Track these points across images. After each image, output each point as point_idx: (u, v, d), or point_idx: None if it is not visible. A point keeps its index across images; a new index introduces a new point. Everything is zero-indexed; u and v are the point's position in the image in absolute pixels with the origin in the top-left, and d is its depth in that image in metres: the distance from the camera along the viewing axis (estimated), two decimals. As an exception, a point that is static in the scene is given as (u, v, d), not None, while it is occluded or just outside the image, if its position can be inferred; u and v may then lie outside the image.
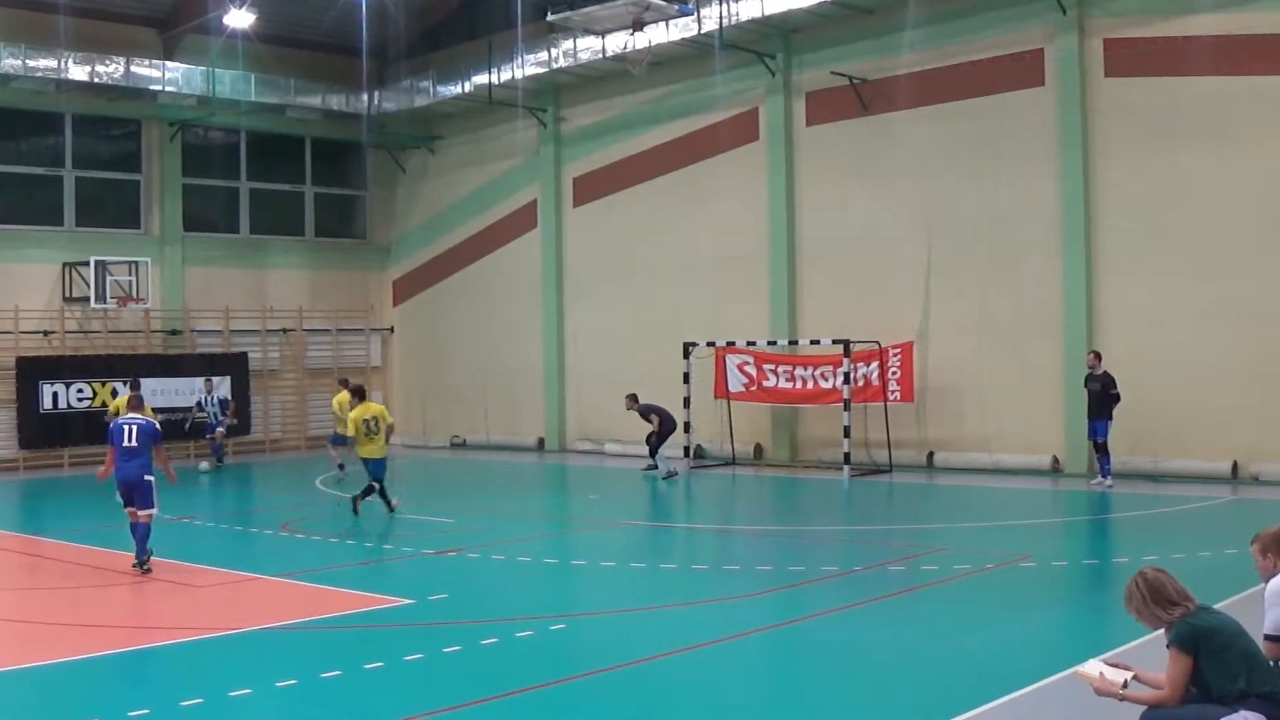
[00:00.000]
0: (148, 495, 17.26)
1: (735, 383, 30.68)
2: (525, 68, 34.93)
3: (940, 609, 14.22)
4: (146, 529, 17.23)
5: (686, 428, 29.98)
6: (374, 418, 22.58)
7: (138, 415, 17.82)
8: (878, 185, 29.77)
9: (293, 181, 39.99)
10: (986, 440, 28.04)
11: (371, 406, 23.10)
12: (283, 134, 39.12)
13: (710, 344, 30.58)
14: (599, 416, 35.22)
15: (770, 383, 30.17)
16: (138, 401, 18.81)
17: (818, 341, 28.92)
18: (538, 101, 36.49)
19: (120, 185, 36.39)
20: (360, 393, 23.60)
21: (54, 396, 33.21)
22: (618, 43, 31.70)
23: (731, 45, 30.87)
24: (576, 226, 36.32)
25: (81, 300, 33.95)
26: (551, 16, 29.08)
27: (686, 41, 31.31)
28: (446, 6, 39.62)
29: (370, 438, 22.46)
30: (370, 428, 22.46)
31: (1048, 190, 27.10)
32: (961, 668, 11.57)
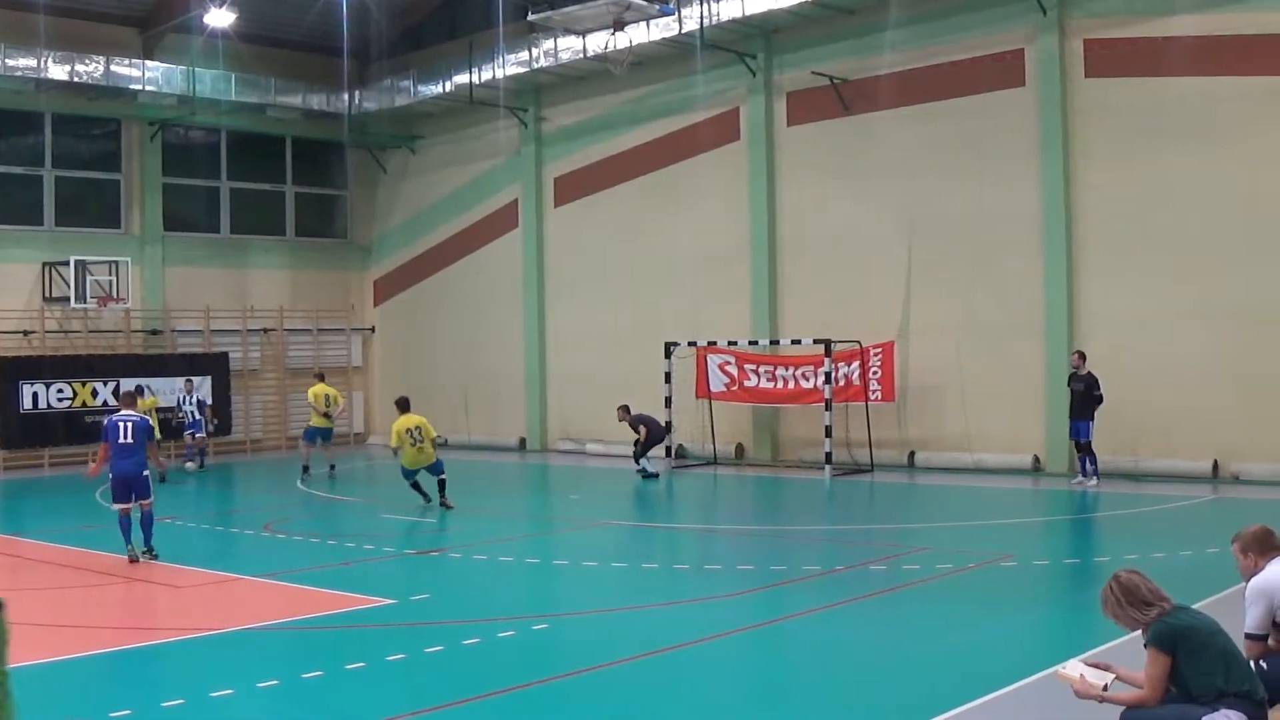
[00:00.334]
0: (146, 487, 18.07)
1: (716, 382, 30.69)
2: (506, 67, 34.92)
3: (922, 608, 14.24)
4: (150, 516, 18.11)
5: (668, 427, 29.96)
6: (418, 427, 23.51)
7: (131, 412, 18.43)
8: (859, 185, 29.81)
9: (273, 181, 39.92)
10: (968, 440, 28.09)
11: (414, 417, 23.83)
12: (263, 133, 39.03)
13: (691, 344, 30.59)
14: (581, 416, 35.23)
15: (751, 382, 30.19)
16: (130, 399, 19.36)
17: (799, 341, 28.93)
18: (519, 101, 36.48)
19: (100, 185, 36.30)
20: (405, 405, 24.41)
21: (34, 397, 33.08)
22: (599, 42, 31.69)
23: (712, 45, 30.89)
24: (558, 226, 36.31)
25: (61, 300, 33.83)
26: (532, 16, 29.08)
27: (667, 41, 31.32)
28: (427, 6, 39.58)
29: (416, 447, 23.37)
30: (415, 437, 23.35)
31: (1029, 190, 27.16)
32: (943, 667, 11.59)
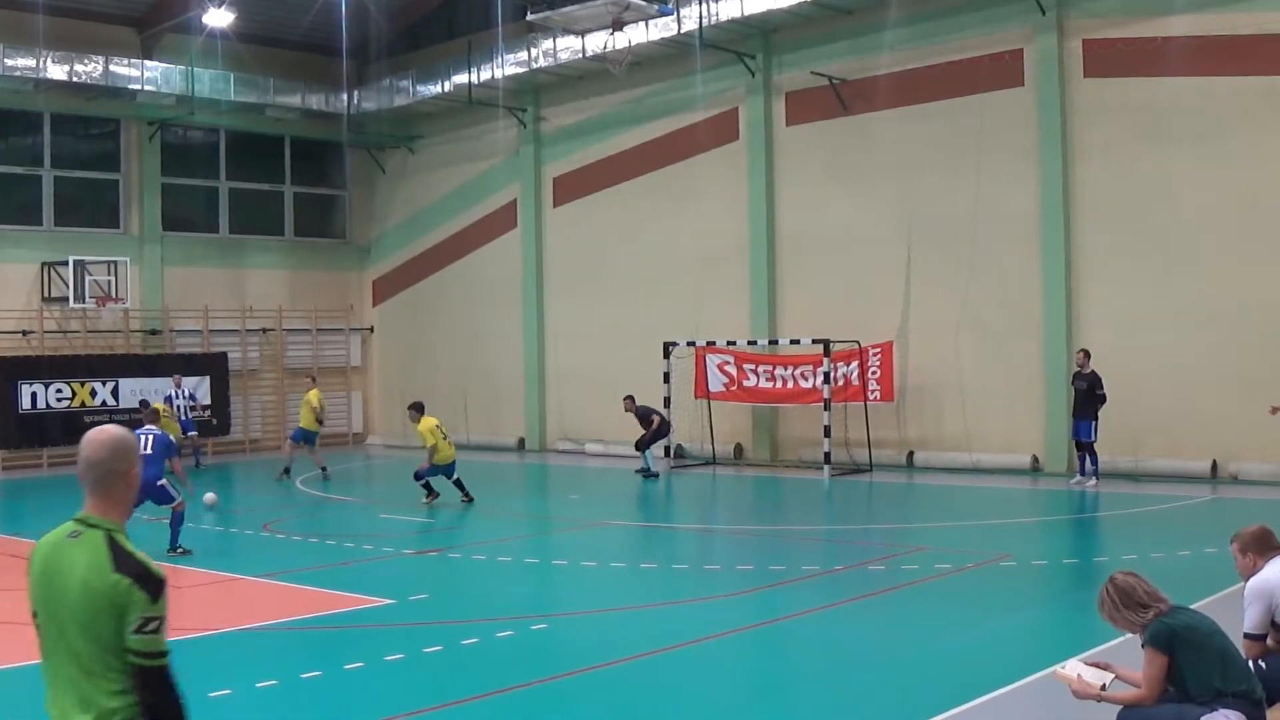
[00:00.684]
0: (165, 494, 18.66)
1: (715, 382, 30.69)
2: (505, 67, 34.91)
3: (920, 608, 14.26)
4: (179, 517, 18.88)
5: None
6: (439, 425, 24.32)
7: (153, 427, 19.23)
8: (857, 185, 29.82)
9: (272, 181, 39.92)
10: (966, 440, 28.10)
11: (433, 418, 24.56)
12: (262, 133, 39.02)
13: (690, 344, 30.59)
14: (579, 416, 35.24)
15: (750, 382, 30.19)
16: (153, 415, 20.19)
17: (798, 341, 28.93)
18: (518, 101, 36.48)
19: (99, 185, 36.29)
20: (422, 407, 24.91)
21: (33, 397, 33.07)
22: (597, 43, 31.64)
23: (711, 45, 30.89)
24: (557, 226, 36.32)
25: (60, 300, 33.82)
26: (531, 16, 29.05)
27: (666, 41, 31.33)
28: (426, 6, 39.57)
29: (448, 441, 24.26)
30: (444, 432, 24.20)
31: (1027, 190, 27.17)
32: (942, 667, 11.60)
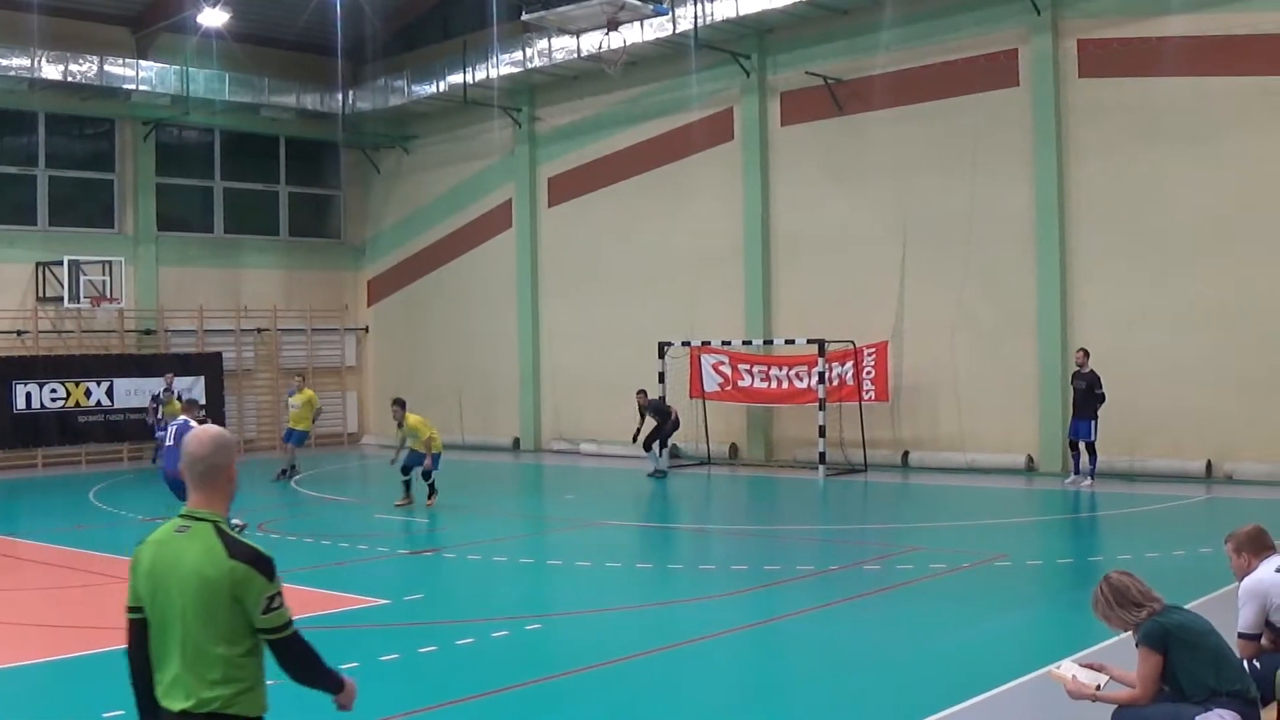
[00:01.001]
0: (181, 492, 18.18)
1: (710, 382, 30.69)
2: (500, 67, 34.90)
3: (915, 608, 14.27)
4: None
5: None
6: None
7: (187, 418, 19.92)
8: (852, 185, 29.83)
9: (267, 181, 39.89)
10: (961, 439, 28.12)
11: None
12: (257, 133, 39.01)
13: (685, 344, 30.60)
14: (575, 416, 35.25)
15: (745, 382, 30.18)
16: (189, 405, 21.08)
17: (793, 341, 28.95)
18: (513, 101, 36.48)
19: (94, 184, 36.26)
20: (404, 404, 25.11)
21: (27, 397, 33.05)
22: (593, 42, 31.65)
23: (706, 45, 30.90)
24: (552, 226, 36.32)
25: (55, 300, 33.80)
26: (526, 16, 29.10)
27: (661, 41, 31.34)
28: (421, 6, 39.55)
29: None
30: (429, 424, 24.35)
31: (1022, 190, 27.19)
32: (937, 667, 11.61)
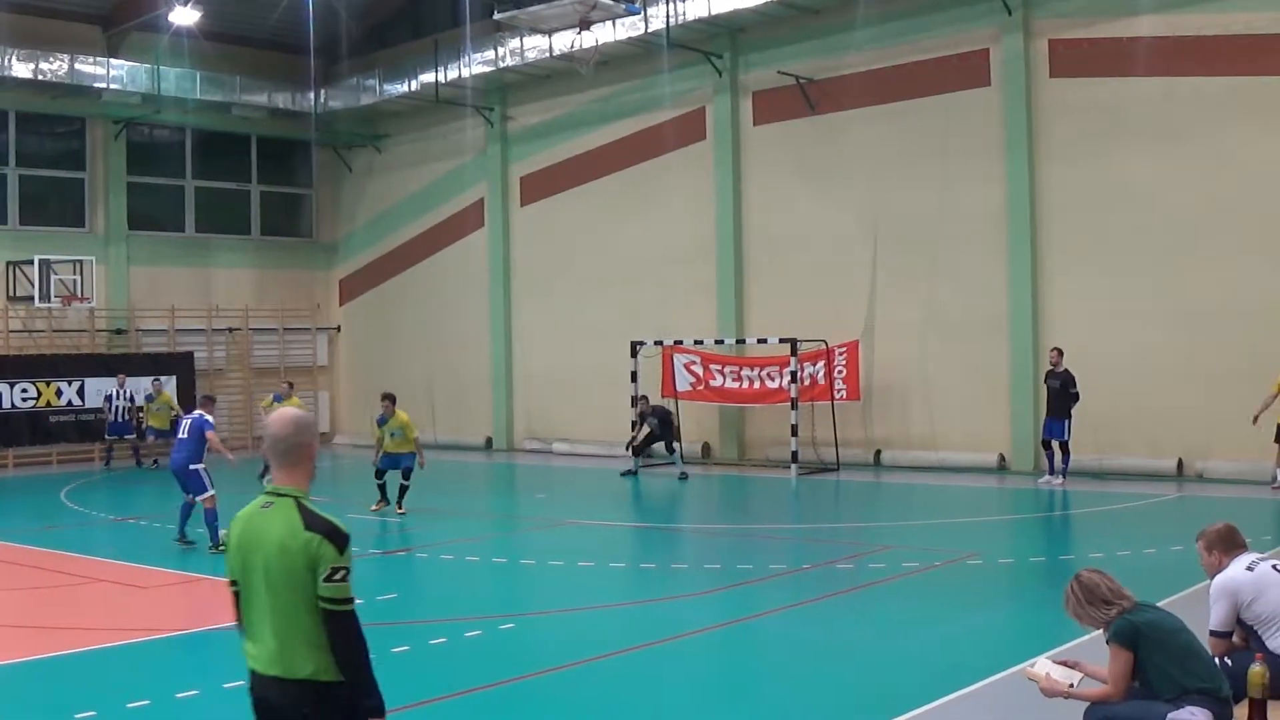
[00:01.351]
0: (197, 482, 18.85)
1: (683, 382, 30.69)
2: (472, 66, 34.88)
3: (888, 606, 14.30)
4: (208, 514, 18.84)
5: (633, 426, 30.01)
6: None
7: (201, 412, 19.64)
8: (825, 184, 29.87)
9: (239, 180, 39.78)
10: (933, 438, 28.19)
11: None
12: (228, 132, 38.88)
13: (658, 343, 30.59)
14: (547, 415, 35.24)
15: (717, 382, 30.20)
16: (206, 402, 20.47)
17: (765, 340, 28.97)
18: (485, 100, 36.44)
19: (64, 183, 36.14)
20: (395, 398, 23.78)
21: (-2, 396, 32.96)
22: (565, 42, 31.62)
23: (678, 45, 30.91)
24: (524, 225, 36.29)
25: (25, 299, 33.64)
26: (498, 15, 29.05)
27: (633, 41, 31.34)
28: (392, 5, 39.51)
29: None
30: None
31: (994, 189, 27.27)
32: (909, 665, 11.64)
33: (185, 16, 32.48)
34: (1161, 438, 25.20)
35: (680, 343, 30.50)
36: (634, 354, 30.26)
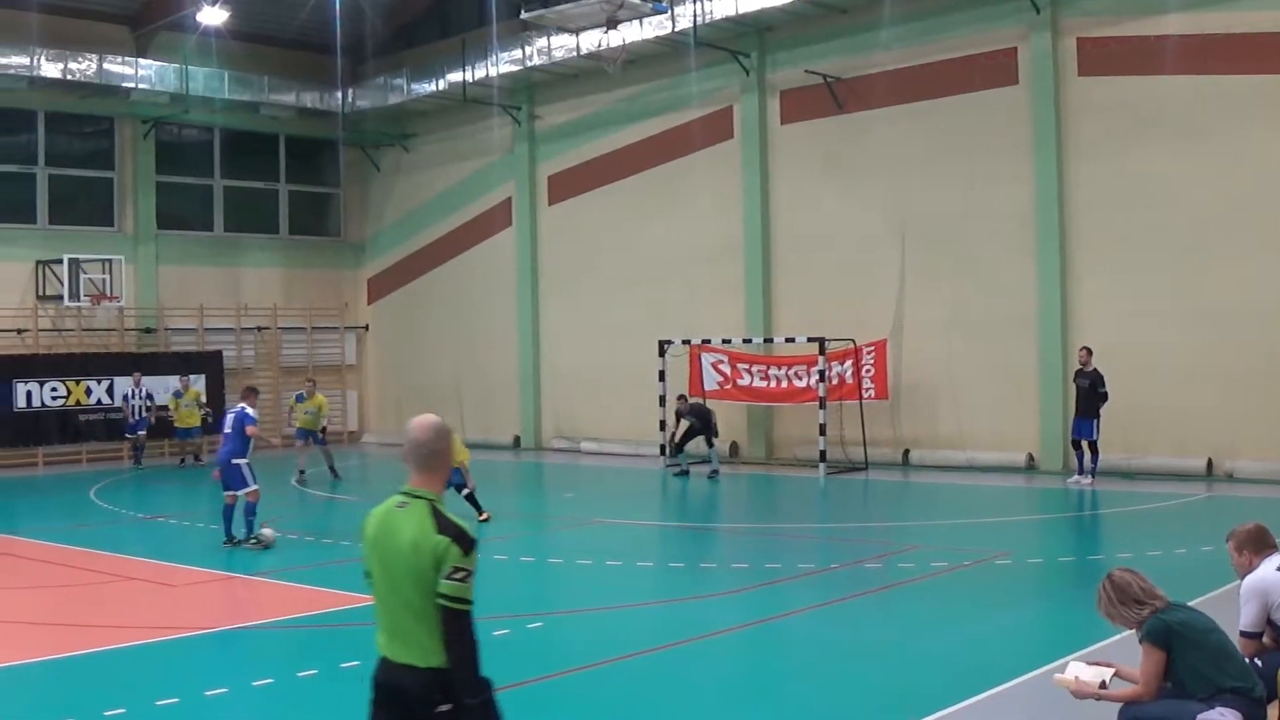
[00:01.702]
0: (237, 477, 18.81)
1: (710, 381, 30.66)
2: (500, 65, 34.92)
3: (916, 606, 14.26)
4: (249, 506, 18.97)
5: (661, 426, 30.04)
6: None
7: (244, 405, 19.49)
8: (852, 183, 29.82)
9: (267, 179, 39.90)
10: (962, 438, 28.10)
11: None
12: (257, 131, 39.01)
13: (685, 342, 30.59)
14: (575, 414, 35.24)
15: (745, 381, 30.17)
16: (249, 393, 20.29)
17: (792, 339, 28.94)
18: (512, 99, 36.47)
19: (93, 183, 36.28)
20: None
21: (28, 395, 33.06)
22: (592, 41, 31.65)
23: (706, 44, 30.89)
24: (551, 224, 36.31)
25: (55, 298, 33.81)
26: (526, 14, 29.12)
27: (661, 40, 31.33)
28: (420, 4, 39.57)
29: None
30: None
31: (1021, 188, 27.17)
32: (938, 664, 11.61)
33: (213, 16, 32.61)
34: (1191, 437, 25.08)
35: (708, 342, 30.50)
36: (661, 353, 30.28)
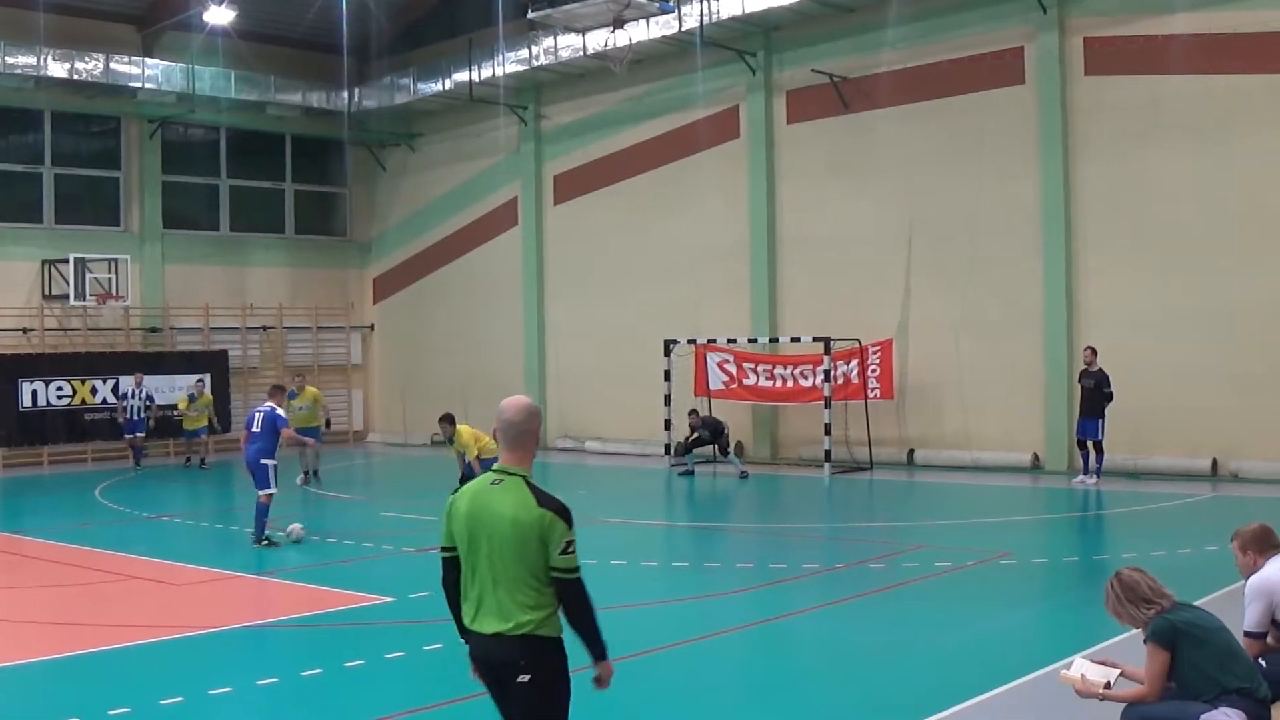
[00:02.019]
0: (263, 477, 18.90)
1: (715, 380, 30.66)
2: (506, 65, 34.90)
3: (920, 606, 14.24)
4: (261, 508, 19.04)
5: (667, 425, 30.03)
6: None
7: (273, 405, 19.65)
8: (858, 183, 29.80)
9: (273, 179, 39.92)
10: (967, 437, 28.09)
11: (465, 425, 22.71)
12: (263, 131, 39.01)
13: (691, 341, 30.59)
14: (580, 414, 35.22)
15: (751, 381, 30.17)
16: (276, 392, 20.76)
17: (798, 339, 28.93)
18: (518, 99, 36.47)
19: (100, 182, 36.30)
20: (453, 419, 22.84)
21: (33, 394, 33.08)
22: (598, 40, 31.62)
23: (712, 43, 30.88)
24: (557, 224, 36.31)
25: (61, 298, 33.82)
26: (532, 14, 29.06)
27: (667, 39, 31.31)
28: (426, 4, 39.54)
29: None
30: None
31: (1028, 188, 27.15)
32: (942, 664, 11.60)
33: (220, 16, 32.64)
34: (1196, 437, 25.06)
35: (713, 341, 30.49)
36: (667, 353, 30.27)
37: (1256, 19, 24.38)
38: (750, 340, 30.37)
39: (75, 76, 33.37)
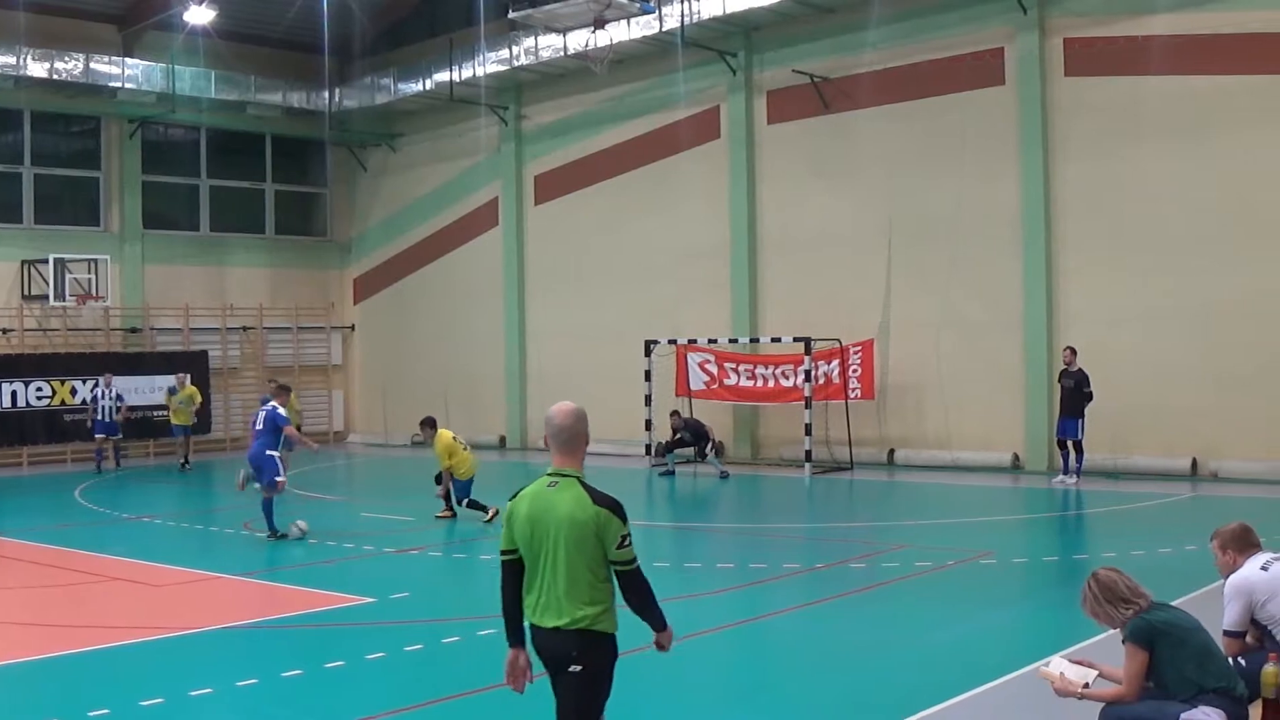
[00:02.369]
0: (271, 468, 19.54)
1: (696, 380, 30.68)
2: (486, 65, 34.89)
3: (901, 606, 14.27)
4: (267, 503, 19.72)
5: (648, 425, 30.05)
6: (455, 437, 22.26)
7: (275, 404, 20.17)
8: (839, 183, 29.85)
9: (253, 179, 39.84)
10: (947, 437, 28.15)
11: (448, 431, 22.42)
12: (243, 131, 38.93)
13: (671, 342, 30.62)
14: (561, 414, 35.15)
15: (731, 381, 30.20)
16: (279, 391, 21.14)
17: (779, 339, 28.97)
18: (499, 99, 36.46)
19: (79, 182, 36.21)
20: (435, 423, 22.64)
21: (13, 395, 32.97)
22: (579, 41, 31.63)
23: (693, 43, 30.91)
24: (538, 224, 36.29)
25: (40, 298, 33.72)
26: (513, 14, 29.03)
27: (648, 39, 31.33)
28: (407, 4, 39.51)
29: (467, 450, 22.14)
30: (463, 443, 22.27)
31: (1008, 188, 27.23)
32: (922, 664, 11.61)
33: (200, 16, 32.59)
34: (1176, 437, 25.15)
35: (694, 341, 30.51)
36: (648, 353, 30.29)
37: (1235, 20, 24.48)
38: (731, 340, 30.40)
39: (55, 76, 33.27)
